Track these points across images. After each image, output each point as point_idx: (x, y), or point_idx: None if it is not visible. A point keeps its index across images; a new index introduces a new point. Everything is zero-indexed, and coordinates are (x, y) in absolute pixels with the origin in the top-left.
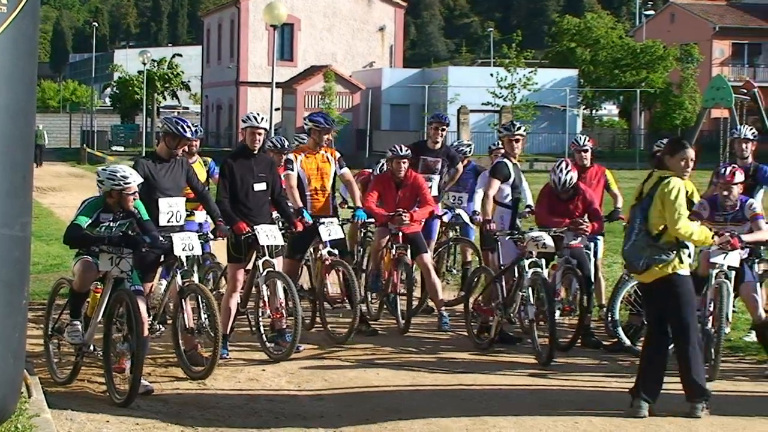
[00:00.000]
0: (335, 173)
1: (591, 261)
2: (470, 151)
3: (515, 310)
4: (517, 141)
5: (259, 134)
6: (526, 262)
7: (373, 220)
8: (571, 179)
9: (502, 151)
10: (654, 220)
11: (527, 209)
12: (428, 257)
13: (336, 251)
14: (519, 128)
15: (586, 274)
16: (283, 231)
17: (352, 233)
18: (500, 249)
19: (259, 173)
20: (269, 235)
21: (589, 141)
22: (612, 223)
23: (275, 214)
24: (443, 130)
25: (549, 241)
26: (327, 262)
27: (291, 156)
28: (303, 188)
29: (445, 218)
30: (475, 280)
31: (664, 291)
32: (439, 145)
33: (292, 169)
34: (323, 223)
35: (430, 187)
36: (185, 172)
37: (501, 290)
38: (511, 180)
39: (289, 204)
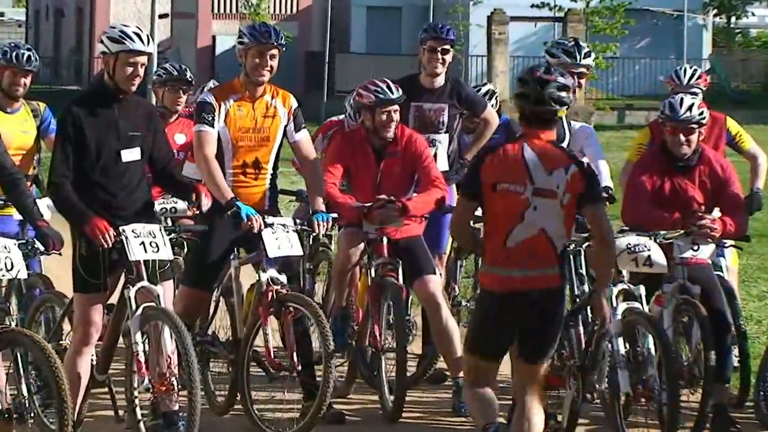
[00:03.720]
0: (284, 138)
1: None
2: (496, 101)
3: (601, 378)
4: (581, 75)
5: (139, 66)
6: (614, 291)
7: (333, 215)
8: (695, 117)
9: None
10: None
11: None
12: (436, 281)
13: (284, 278)
14: (586, 54)
15: (717, 313)
16: (176, 236)
17: None
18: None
19: (129, 131)
20: (149, 242)
21: (700, 77)
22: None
23: (160, 202)
24: (446, 52)
25: (657, 253)
26: (270, 297)
27: (209, 98)
28: (223, 159)
29: None
30: None
31: None
32: (440, 81)
33: (211, 124)
34: (270, 226)
35: (435, 156)
36: None
37: (574, 341)
38: (564, 145)
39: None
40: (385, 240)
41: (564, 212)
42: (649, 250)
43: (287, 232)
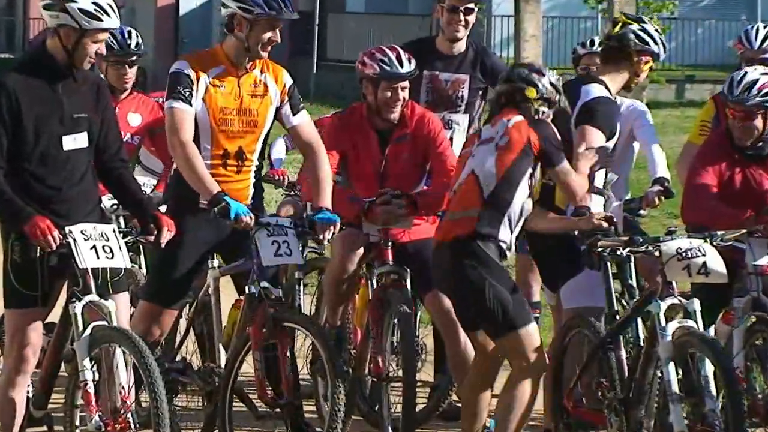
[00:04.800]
0: (273, 122)
1: None
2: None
3: (649, 414)
4: None
5: (98, 37)
6: (662, 307)
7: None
8: (753, 98)
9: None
10: None
11: (656, 189)
12: None
13: (279, 291)
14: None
15: None
16: (132, 238)
17: None
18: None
19: (74, 113)
20: (101, 246)
21: None
22: None
23: (107, 199)
24: (469, 12)
25: (714, 259)
26: (264, 315)
27: (186, 68)
28: (200, 145)
29: None
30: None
31: None
32: (461, 48)
33: (188, 101)
34: (266, 227)
35: (451, 140)
36: None
37: (615, 368)
38: (616, 132)
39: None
40: (390, 244)
41: (497, 153)
42: (704, 255)
43: (285, 234)
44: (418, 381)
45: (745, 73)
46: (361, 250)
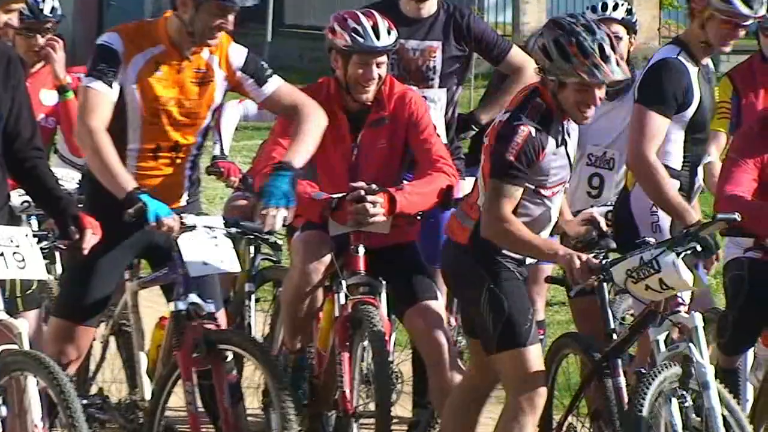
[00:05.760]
0: (217, 110)
1: None
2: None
3: None
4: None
5: (11, 6)
6: (660, 334)
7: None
8: None
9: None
10: None
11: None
12: (437, 311)
13: (213, 306)
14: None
15: None
16: (48, 244)
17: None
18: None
19: None
20: (11, 253)
21: None
22: None
23: (17, 196)
24: None
25: (673, 273)
26: (194, 336)
27: (116, 42)
28: (126, 137)
29: None
30: (556, 367)
31: None
32: (430, 9)
33: (108, 82)
34: (191, 229)
35: None
36: None
37: (612, 397)
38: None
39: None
40: (362, 249)
41: None
42: (657, 270)
43: (215, 237)
44: (393, 417)
45: None
46: (327, 258)
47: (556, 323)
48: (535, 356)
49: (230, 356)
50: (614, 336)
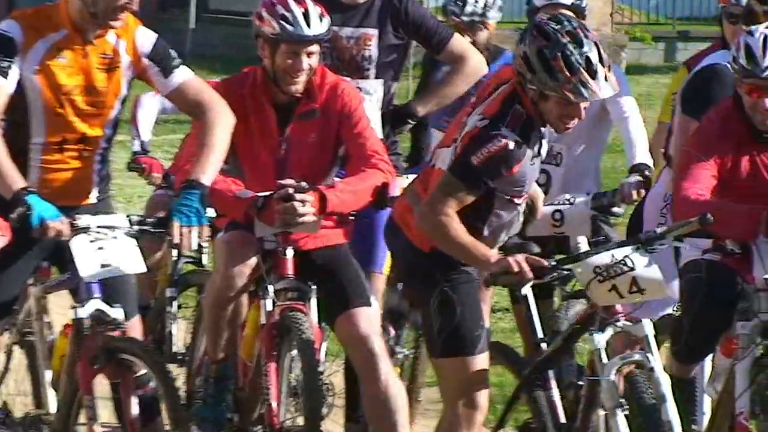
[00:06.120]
0: (126, 100)
1: None
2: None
3: None
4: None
5: None
6: (601, 341)
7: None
8: None
9: None
10: None
11: (634, 179)
12: (371, 319)
13: (121, 312)
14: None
15: None
16: None
17: (151, 257)
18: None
19: None
20: None
21: None
22: None
23: None
24: None
25: (649, 272)
26: (93, 345)
27: (13, 28)
28: (29, 131)
29: None
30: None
31: None
32: None
33: (3, 73)
34: (85, 231)
35: None
36: None
37: (545, 411)
38: None
39: None
40: (290, 252)
41: None
42: (631, 268)
43: (114, 238)
44: None
45: (764, 36)
46: (253, 261)
47: (500, 330)
48: (479, 367)
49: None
50: (543, 346)
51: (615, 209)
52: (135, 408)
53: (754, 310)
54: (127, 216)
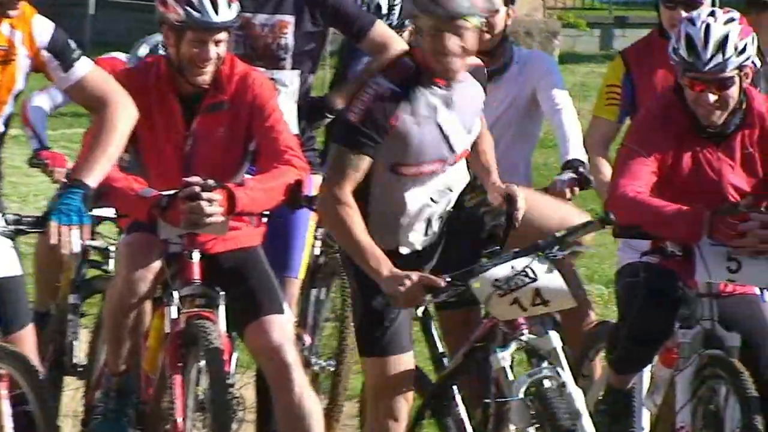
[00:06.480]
0: (18, 95)
1: None
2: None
3: None
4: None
5: None
6: (505, 358)
7: (109, 211)
8: (731, 62)
9: None
10: None
11: (567, 177)
12: (284, 327)
13: None
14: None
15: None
16: None
17: (48, 258)
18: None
19: None
20: None
21: None
22: None
23: None
24: None
25: (553, 283)
26: None
27: None
28: None
29: None
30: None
31: None
32: None
33: None
34: None
35: None
36: None
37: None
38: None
39: None
40: (196, 255)
41: None
42: (533, 279)
43: None
44: None
45: (706, 26)
46: (156, 264)
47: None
48: (396, 369)
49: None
50: (444, 361)
51: None
52: (8, 420)
53: (696, 316)
54: (2, 214)
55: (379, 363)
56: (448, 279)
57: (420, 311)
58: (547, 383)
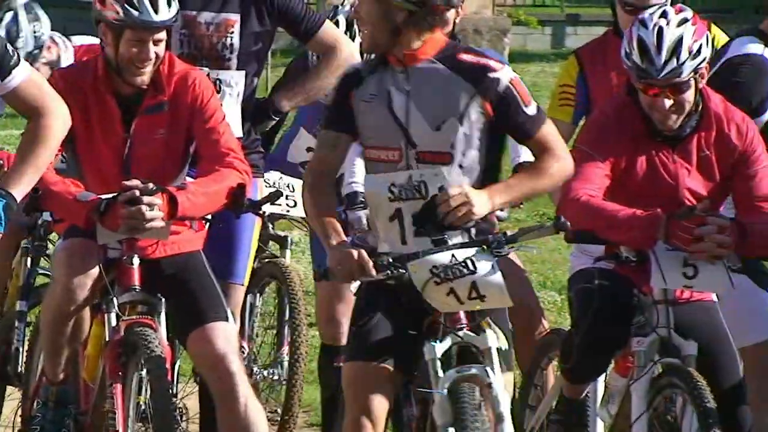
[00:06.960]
0: None
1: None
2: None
3: None
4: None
5: None
6: (437, 351)
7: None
8: (685, 67)
9: None
10: None
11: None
12: (227, 334)
13: None
14: None
15: (730, 391)
16: None
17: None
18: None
19: None
20: None
21: None
22: None
23: None
24: None
25: (491, 278)
26: None
27: None
28: None
29: (276, 209)
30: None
31: None
32: None
33: None
34: None
35: None
36: None
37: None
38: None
39: None
40: (136, 261)
41: None
42: (472, 272)
43: None
44: None
45: (659, 29)
46: (95, 271)
47: None
48: (355, 375)
49: None
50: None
51: (500, 213)
52: None
53: (652, 324)
54: None
55: (345, 369)
56: (390, 260)
57: (354, 287)
58: (466, 385)
